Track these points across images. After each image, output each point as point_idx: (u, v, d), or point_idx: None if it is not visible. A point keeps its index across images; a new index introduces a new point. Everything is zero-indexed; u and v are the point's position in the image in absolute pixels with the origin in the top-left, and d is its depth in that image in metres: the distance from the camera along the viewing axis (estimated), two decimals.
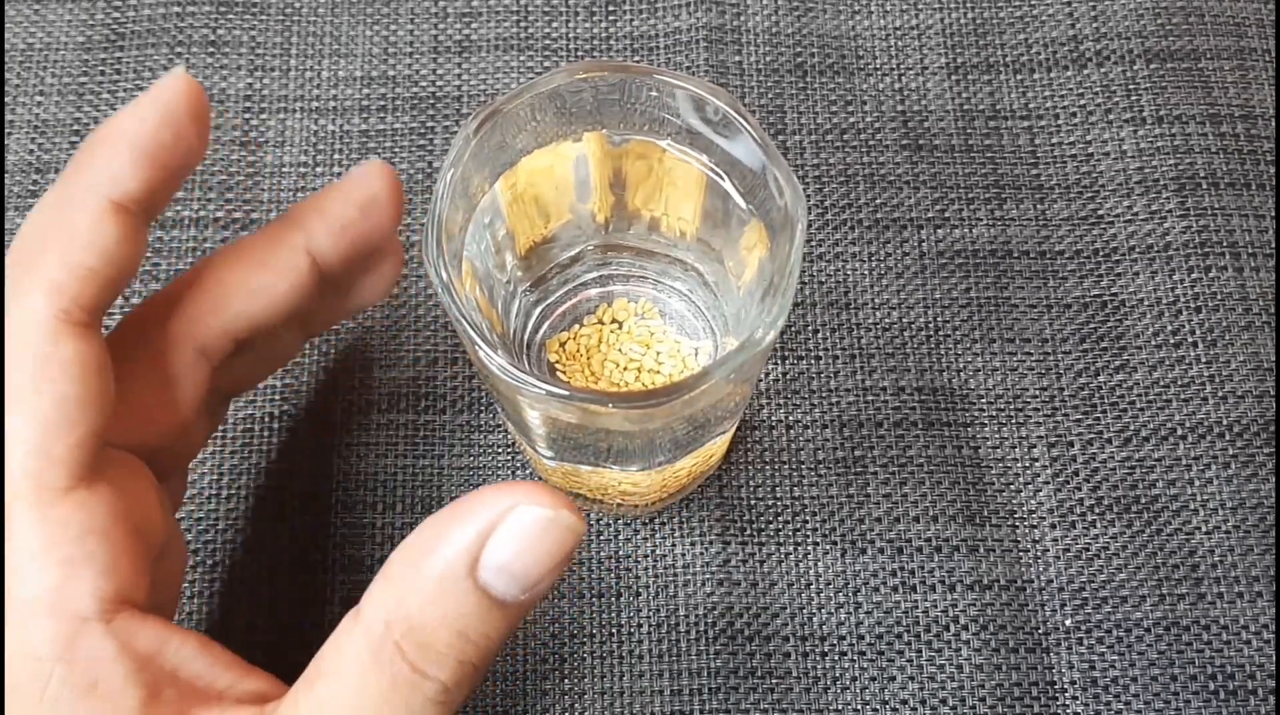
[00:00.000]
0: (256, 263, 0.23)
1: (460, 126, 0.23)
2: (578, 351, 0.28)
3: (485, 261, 0.24)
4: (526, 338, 0.28)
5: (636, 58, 0.36)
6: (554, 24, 0.36)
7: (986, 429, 0.32)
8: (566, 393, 0.20)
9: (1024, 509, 0.31)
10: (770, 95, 0.35)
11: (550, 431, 0.24)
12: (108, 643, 0.19)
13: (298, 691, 0.19)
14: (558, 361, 0.28)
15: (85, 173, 0.20)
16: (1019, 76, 0.36)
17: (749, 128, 0.23)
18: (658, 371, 0.28)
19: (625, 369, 0.28)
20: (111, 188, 0.20)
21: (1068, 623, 0.30)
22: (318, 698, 0.19)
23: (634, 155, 0.25)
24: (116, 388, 0.20)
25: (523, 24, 0.37)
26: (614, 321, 0.28)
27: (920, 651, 0.30)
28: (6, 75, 0.36)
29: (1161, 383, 0.32)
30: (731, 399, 0.24)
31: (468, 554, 0.18)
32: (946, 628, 0.30)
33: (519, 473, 0.31)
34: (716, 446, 0.27)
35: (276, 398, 0.32)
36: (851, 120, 0.35)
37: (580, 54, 0.36)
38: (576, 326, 0.28)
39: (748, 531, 0.31)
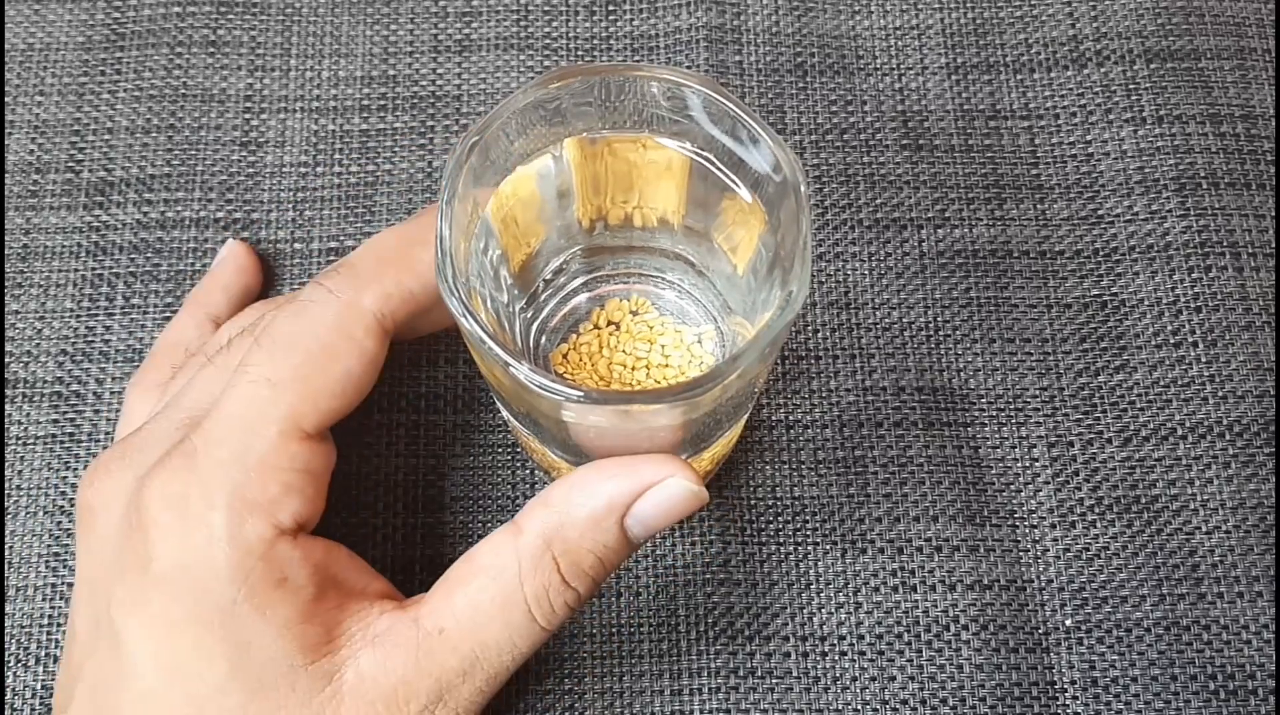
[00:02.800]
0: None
1: (452, 147, 0.23)
2: (581, 360, 0.28)
3: (486, 284, 0.25)
4: (530, 354, 0.28)
5: (636, 57, 0.36)
6: (554, 23, 0.36)
7: (986, 429, 0.32)
8: (623, 399, 0.20)
9: (1024, 509, 0.31)
10: (770, 95, 0.35)
11: (585, 439, 0.24)
12: (294, 552, 0.23)
13: (451, 586, 0.24)
14: (564, 372, 0.28)
15: (435, 223, 0.24)
16: (1019, 76, 0.36)
17: (730, 105, 0.23)
18: (666, 365, 0.28)
19: (634, 368, 0.28)
20: None
21: (1068, 623, 0.30)
22: (474, 592, 0.23)
23: (615, 153, 0.25)
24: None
25: (523, 23, 0.36)
26: (610, 323, 0.28)
27: (920, 651, 0.30)
28: (6, 75, 0.36)
29: (1161, 383, 0.32)
30: (759, 377, 0.24)
31: (624, 503, 0.23)
32: (946, 628, 0.30)
33: (519, 472, 0.31)
34: (735, 431, 0.28)
35: None
36: (851, 120, 0.35)
37: (580, 53, 0.36)
38: (574, 336, 0.28)
39: (748, 531, 0.31)
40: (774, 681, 0.29)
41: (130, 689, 0.22)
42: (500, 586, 0.23)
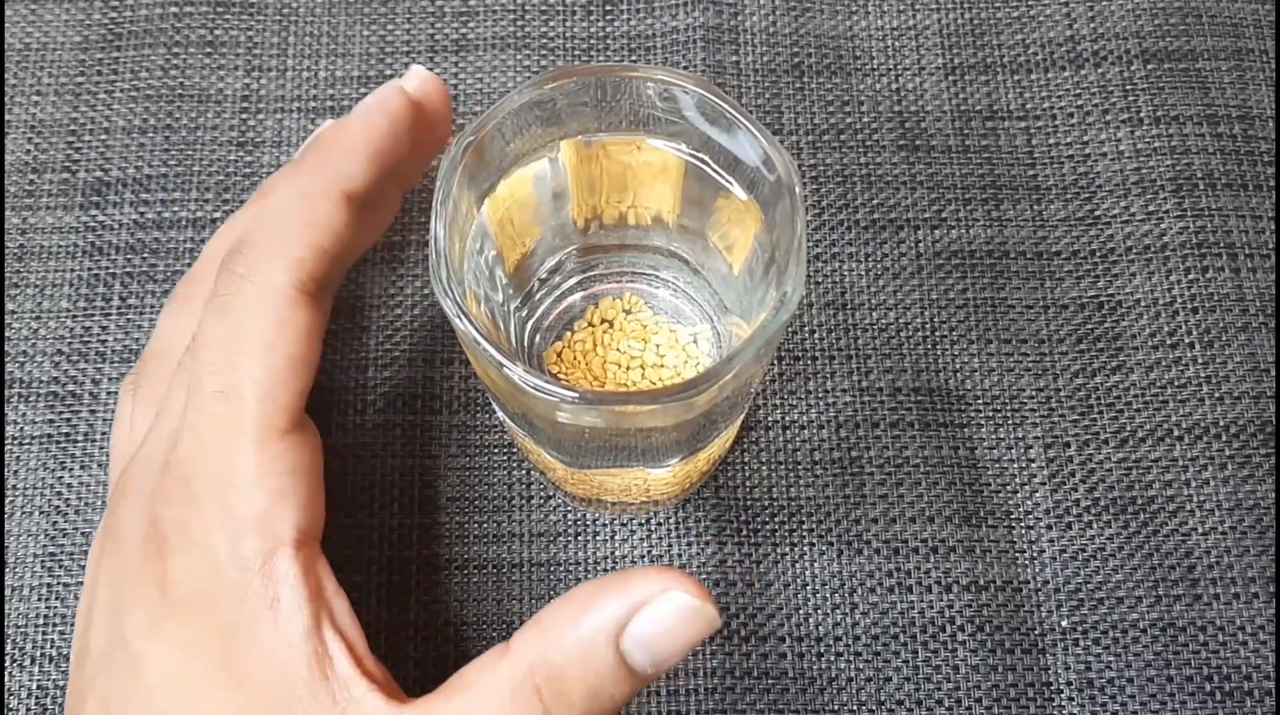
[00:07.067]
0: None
1: (447, 151, 0.23)
2: (575, 358, 0.28)
3: (481, 284, 0.25)
4: (524, 353, 0.28)
5: (633, 57, 0.36)
6: (551, 23, 0.36)
7: (983, 430, 0.32)
8: (618, 400, 0.20)
9: (1020, 510, 0.31)
10: (767, 95, 0.35)
11: (580, 440, 0.24)
12: (292, 567, 0.22)
13: (436, 699, 0.22)
14: (558, 371, 0.28)
15: (325, 168, 0.24)
16: (1016, 77, 0.36)
17: (726, 107, 0.23)
18: (661, 365, 0.28)
19: (628, 368, 0.28)
20: (346, 183, 0.24)
21: (1064, 624, 0.30)
22: (452, 711, 0.21)
23: (610, 154, 0.25)
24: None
25: (519, 23, 0.36)
26: (604, 322, 0.28)
27: (916, 652, 0.30)
28: (4, 74, 0.36)
29: (1158, 384, 0.32)
30: (755, 377, 0.24)
31: (616, 622, 0.20)
32: (942, 628, 0.30)
33: (516, 472, 0.31)
34: (731, 431, 0.28)
35: None
36: (848, 121, 0.35)
37: (577, 53, 0.36)
38: (569, 334, 0.28)
39: (744, 532, 0.31)
40: (770, 682, 0.29)
41: (143, 710, 0.22)
42: (478, 710, 0.21)
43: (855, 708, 0.29)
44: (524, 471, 0.31)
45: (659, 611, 0.21)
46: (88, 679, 0.24)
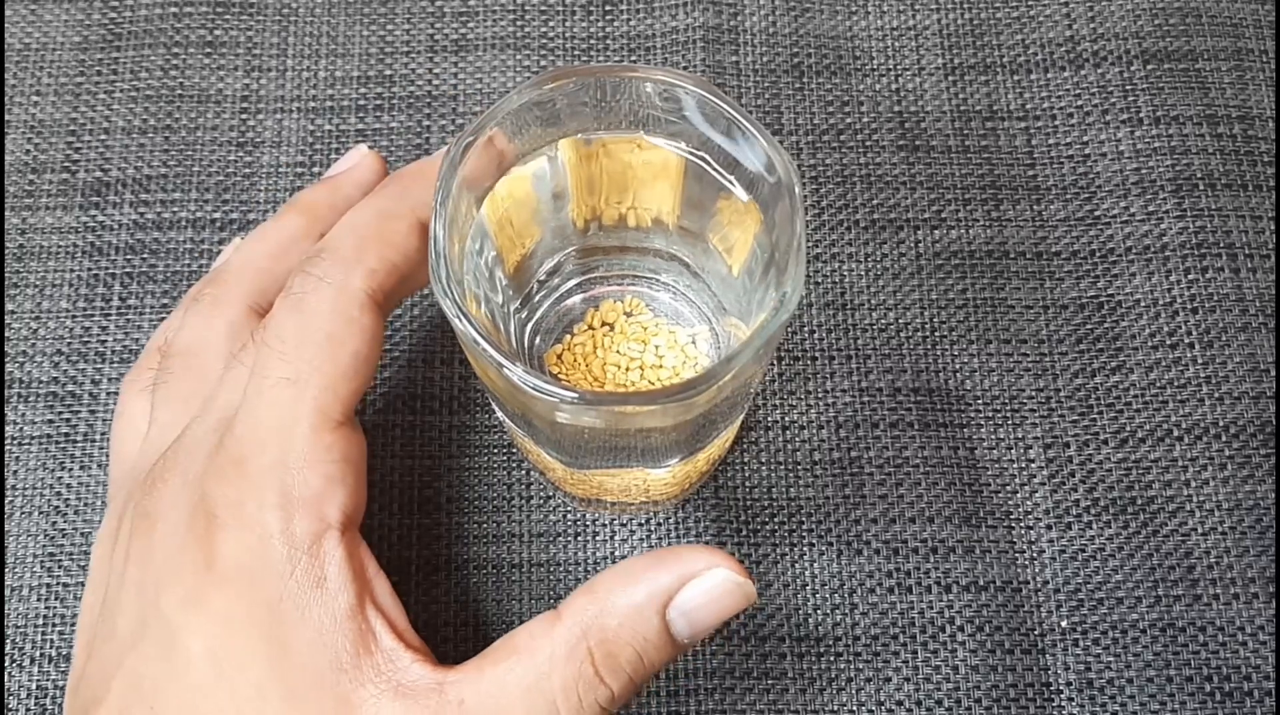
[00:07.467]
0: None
1: (446, 151, 0.23)
2: (575, 361, 0.28)
3: (480, 285, 0.25)
4: (524, 355, 0.28)
5: (633, 58, 0.36)
6: (550, 23, 0.36)
7: (983, 430, 0.32)
8: (617, 401, 0.20)
9: (1020, 510, 0.31)
10: (767, 96, 0.35)
11: (580, 440, 0.24)
12: (339, 549, 0.23)
13: (484, 661, 0.23)
14: (558, 373, 0.28)
15: (405, 195, 0.26)
16: (1016, 77, 0.36)
17: (725, 106, 0.23)
18: (660, 366, 0.28)
19: (628, 370, 0.28)
20: (422, 212, 0.25)
21: (1063, 624, 0.30)
22: (502, 672, 0.23)
23: (610, 153, 0.25)
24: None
25: (519, 23, 0.36)
26: (604, 324, 0.28)
27: (916, 653, 0.30)
28: (4, 75, 0.36)
29: (1158, 384, 0.32)
30: (754, 378, 0.24)
31: (666, 592, 0.22)
32: (942, 629, 0.30)
33: (516, 472, 0.31)
34: (730, 432, 0.28)
35: None
36: (848, 121, 0.35)
37: (577, 53, 0.36)
38: (569, 336, 0.28)
39: (744, 532, 0.31)
40: (770, 682, 0.29)
41: (179, 683, 0.23)
42: (528, 670, 0.22)
43: (855, 708, 0.29)
44: (524, 471, 0.31)
45: (705, 585, 0.22)
46: (111, 660, 0.24)
